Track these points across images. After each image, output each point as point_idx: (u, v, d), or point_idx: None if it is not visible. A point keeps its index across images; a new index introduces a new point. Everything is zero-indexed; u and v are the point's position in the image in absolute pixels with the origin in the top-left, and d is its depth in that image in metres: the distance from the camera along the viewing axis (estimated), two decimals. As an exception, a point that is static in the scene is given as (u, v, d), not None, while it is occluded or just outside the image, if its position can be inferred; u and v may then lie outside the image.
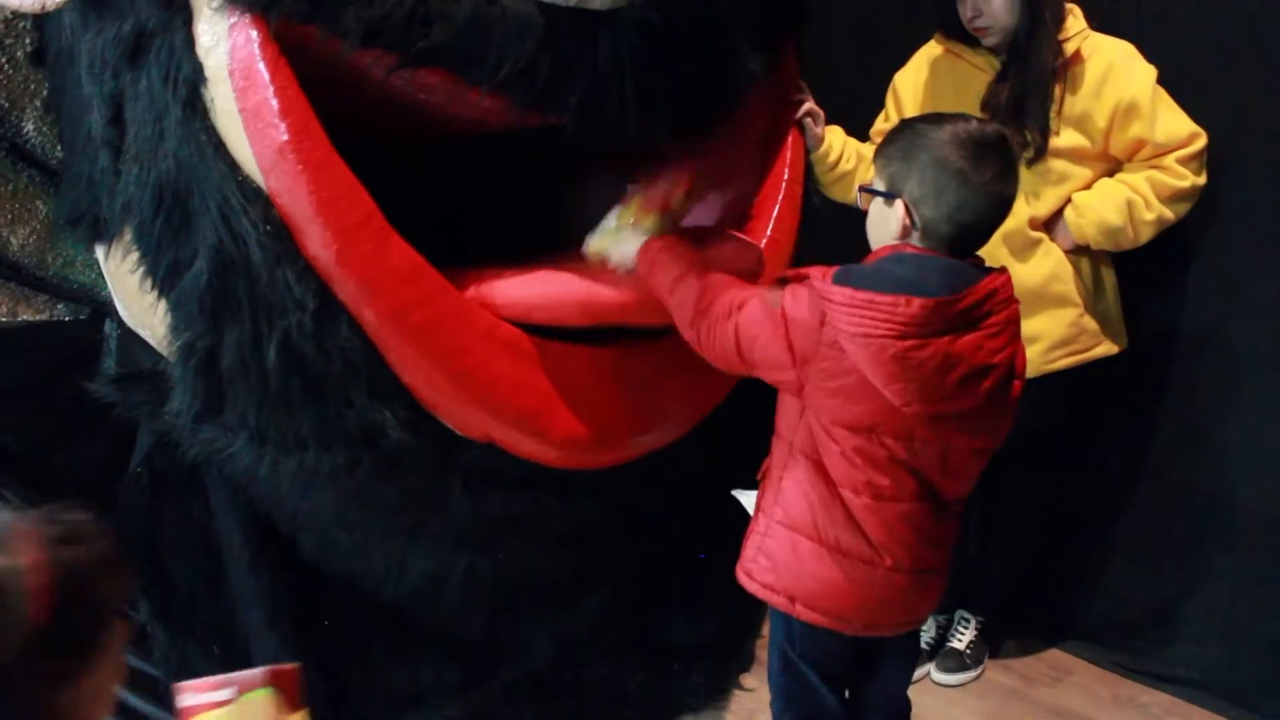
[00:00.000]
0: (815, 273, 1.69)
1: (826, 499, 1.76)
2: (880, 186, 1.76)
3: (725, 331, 1.69)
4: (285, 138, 1.54)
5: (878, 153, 1.80)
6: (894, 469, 1.72)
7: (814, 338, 1.66)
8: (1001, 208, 1.73)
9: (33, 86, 1.89)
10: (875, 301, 1.60)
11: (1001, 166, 1.69)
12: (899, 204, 1.71)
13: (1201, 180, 2.35)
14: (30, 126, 1.90)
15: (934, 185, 1.67)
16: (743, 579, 1.89)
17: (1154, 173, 2.35)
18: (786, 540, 1.80)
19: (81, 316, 2.04)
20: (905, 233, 1.72)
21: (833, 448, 1.74)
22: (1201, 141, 2.34)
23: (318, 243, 1.57)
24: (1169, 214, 2.34)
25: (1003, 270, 1.75)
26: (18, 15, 1.71)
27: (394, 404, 1.67)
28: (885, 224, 1.75)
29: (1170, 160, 2.34)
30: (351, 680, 2.14)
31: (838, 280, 1.65)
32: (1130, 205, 2.32)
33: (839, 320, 1.63)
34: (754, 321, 1.69)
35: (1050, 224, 2.40)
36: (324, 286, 1.59)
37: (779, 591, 1.83)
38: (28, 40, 1.87)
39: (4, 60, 1.87)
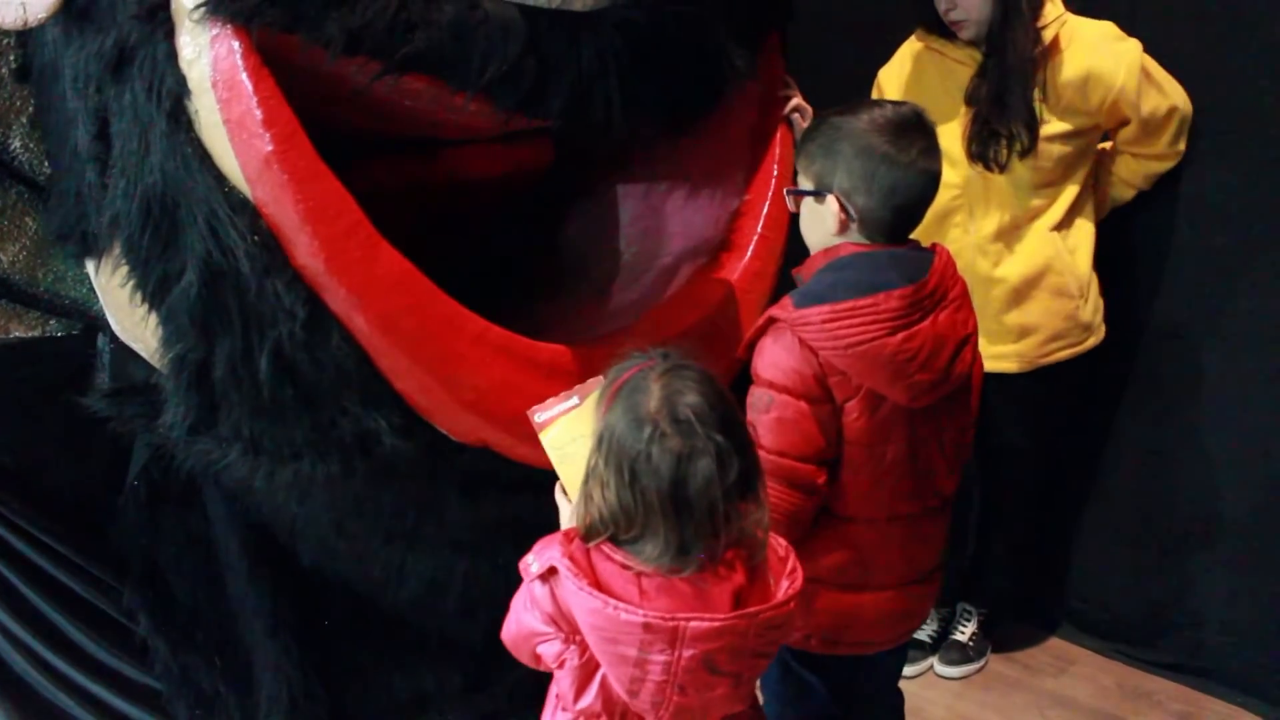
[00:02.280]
0: (780, 313, 1.67)
1: (832, 533, 1.74)
2: (807, 185, 1.72)
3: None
4: (270, 148, 1.53)
5: (799, 152, 1.76)
6: (901, 478, 1.72)
7: (818, 379, 1.65)
8: (931, 184, 1.70)
9: (18, 103, 1.89)
10: (856, 307, 1.60)
11: (925, 144, 1.67)
12: (830, 199, 1.67)
13: (1180, 148, 2.39)
14: (17, 143, 1.90)
15: (863, 173, 1.64)
16: None
17: (1133, 163, 2.41)
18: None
19: (74, 332, 2.04)
20: (843, 227, 1.68)
21: (844, 477, 1.70)
22: (1180, 114, 2.35)
23: (306, 252, 1.57)
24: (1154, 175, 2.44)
25: (936, 245, 1.75)
26: (1, 32, 1.70)
27: (387, 411, 1.66)
28: (820, 222, 1.71)
29: (1147, 148, 2.37)
30: (354, 687, 2.14)
31: (803, 303, 1.64)
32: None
33: (825, 340, 1.61)
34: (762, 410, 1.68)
35: (1068, 214, 2.38)
36: (314, 295, 1.58)
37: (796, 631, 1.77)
38: (12, 57, 1.87)
39: (-11, 78, 1.87)
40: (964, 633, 2.73)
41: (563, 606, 1.35)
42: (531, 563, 1.39)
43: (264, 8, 1.50)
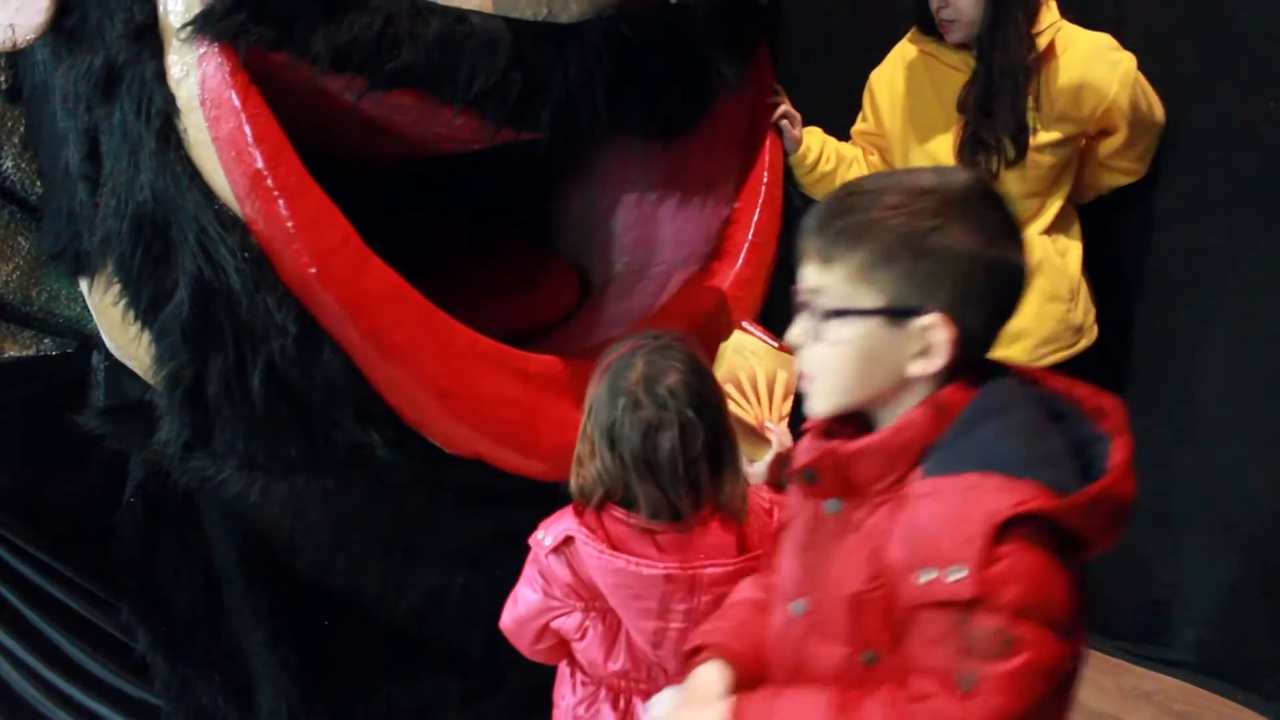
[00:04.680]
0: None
1: None
2: (870, 299, 1.11)
3: None
4: (259, 165, 1.55)
5: (825, 245, 1.13)
6: None
7: None
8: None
9: (9, 123, 1.90)
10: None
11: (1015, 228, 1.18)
12: (927, 320, 1.10)
13: (1146, 166, 2.41)
14: (9, 163, 1.91)
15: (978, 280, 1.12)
16: None
17: (1102, 173, 2.42)
18: None
19: (69, 350, 2.05)
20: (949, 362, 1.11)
21: None
22: (1157, 131, 2.37)
23: (296, 267, 1.58)
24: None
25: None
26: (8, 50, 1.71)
27: (381, 424, 1.67)
28: (891, 357, 1.13)
29: (1123, 161, 2.39)
30: (353, 698, 2.14)
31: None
32: None
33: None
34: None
35: (1057, 218, 2.38)
36: (305, 311, 1.59)
37: None
38: (2, 78, 1.88)
39: (-21, 99, 1.88)
40: (963, 636, 2.73)
41: (582, 575, 1.43)
42: (544, 537, 1.46)
43: (250, 26, 1.52)
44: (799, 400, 1.24)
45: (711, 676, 1.24)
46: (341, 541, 1.99)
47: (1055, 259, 2.35)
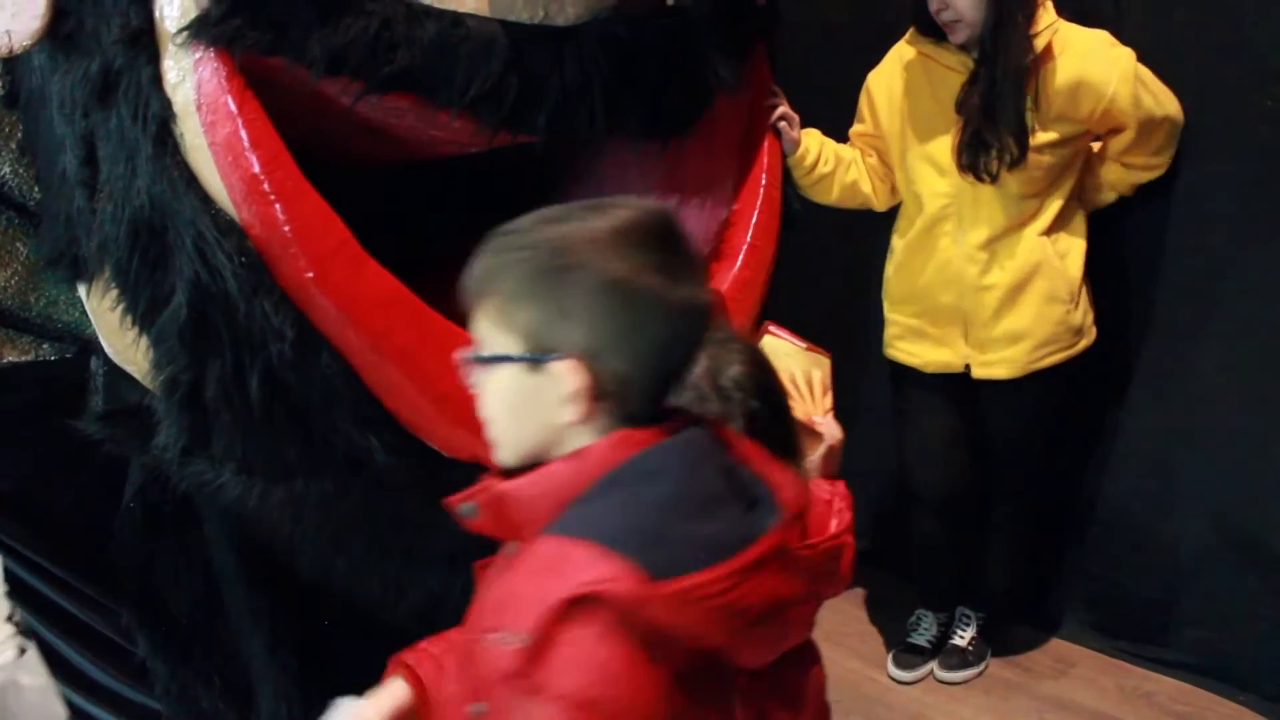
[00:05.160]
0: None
1: None
2: (505, 345, 1.06)
3: None
4: (256, 169, 1.54)
5: (474, 288, 1.10)
6: None
7: None
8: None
9: (7, 129, 1.89)
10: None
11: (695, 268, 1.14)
12: (560, 365, 1.04)
13: (1167, 158, 2.39)
14: (7, 169, 1.90)
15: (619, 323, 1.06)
16: None
17: (1121, 170, 2.40)
18: None
19: (67, 355, 2.04)
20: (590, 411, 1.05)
21: None
22: (1171, 122, 2.35)
23: (293, 272, 1.57)
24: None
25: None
26: (5, 56, 1.71)
27: (379, 429, 1.67)
28: (540, 401, 1.06)
29: (1138, 157, 2.37)
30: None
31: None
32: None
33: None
34: None
35: (1057, 219, 2.37)
36: (302, 316, 1.59)
37: None
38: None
39: (-23, 106, 1.87)
40: (963, 637, 2.73)
41: None
42: None
43: (246, 30, 1.51)
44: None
45: (386, 694, 1.27)
46: (341, 544, 1.98)
47: (1055, 261, 2.35)
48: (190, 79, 1.55)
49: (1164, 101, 2.33)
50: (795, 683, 1.23)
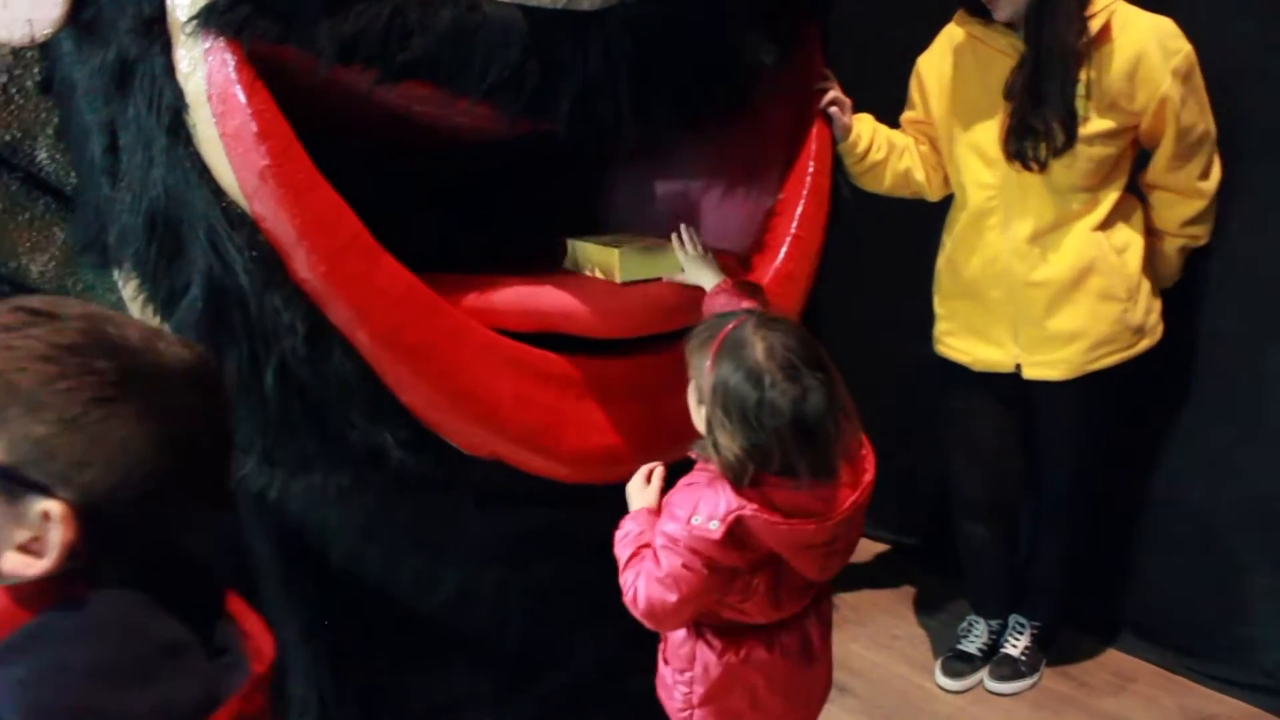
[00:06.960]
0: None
1: None
2: None
3: None
4: (266, 161, 1.52)
5: None
6: None
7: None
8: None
9: (44, 115, 1.90)
10: None
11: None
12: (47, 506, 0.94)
13: (1208, 187, 2.24)
14: (44, 154, 1.91)
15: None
16: None
17: (1166, 207, 2.27)
18: None
19: (104, 340, 2.05)
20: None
21: None
22: (1211, 140, 2.21)
23: (305, 266, 1.55)
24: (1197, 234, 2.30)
25: None
26: (27, 45, 1.71)
27: (394, 425, 1.64)
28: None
29: (1178, 180, 2.22)
30: (385, 691, 2.13)
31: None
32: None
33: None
34: None
35: (1111, 214, 2.25)
36: (314, 310, 1.57)
37: None
38: (36, 70, 1.88)
39: (15, 91, 1.88)
40: (1016, 646, 2.61)
41: (754, 546, 1.52)
42: (705, 522, 1.49)
43: (255, 19, 1.49)
44: None
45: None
46: (372, 534, 1.97)
47: (1111, 257, 2.21)
48: (201, 69, 1.53)
49: (1206, 112, 2.18)
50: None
